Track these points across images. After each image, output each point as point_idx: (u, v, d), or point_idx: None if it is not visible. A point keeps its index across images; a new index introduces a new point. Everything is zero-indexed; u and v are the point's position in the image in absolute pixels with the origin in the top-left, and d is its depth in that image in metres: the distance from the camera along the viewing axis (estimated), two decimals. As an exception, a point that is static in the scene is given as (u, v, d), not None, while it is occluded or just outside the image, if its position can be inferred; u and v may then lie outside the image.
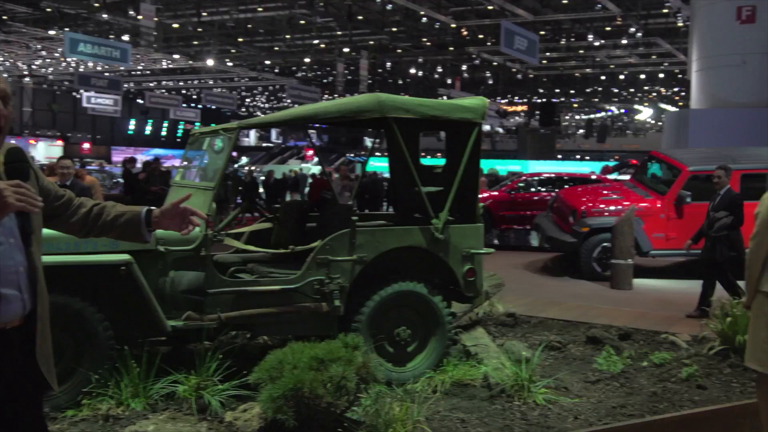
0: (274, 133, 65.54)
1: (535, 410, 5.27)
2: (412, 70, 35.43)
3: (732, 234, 8.60)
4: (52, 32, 27.90)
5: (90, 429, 4.68)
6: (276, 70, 37.98)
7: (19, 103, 45.41)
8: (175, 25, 28.23)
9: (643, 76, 38.30)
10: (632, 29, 26.36)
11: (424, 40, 30.15)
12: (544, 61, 33.03)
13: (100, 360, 5.05)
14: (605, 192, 12.82)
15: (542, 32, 27.21)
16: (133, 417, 4.82)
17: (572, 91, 46.00)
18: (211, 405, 4.95)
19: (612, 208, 11.64)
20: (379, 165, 30.79)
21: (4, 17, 25.33)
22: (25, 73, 41.54)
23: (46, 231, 2.66)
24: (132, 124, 58.29)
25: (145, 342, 5.76)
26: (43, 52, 35.00)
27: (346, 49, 31.13)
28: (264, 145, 64.10)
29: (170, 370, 5.23)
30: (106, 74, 35.39)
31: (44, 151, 42.10)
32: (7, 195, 2.25)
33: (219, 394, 5.05)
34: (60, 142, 47.25)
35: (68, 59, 34.11)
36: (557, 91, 45.50)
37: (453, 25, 26.60)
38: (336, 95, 34.90)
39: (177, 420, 4.22)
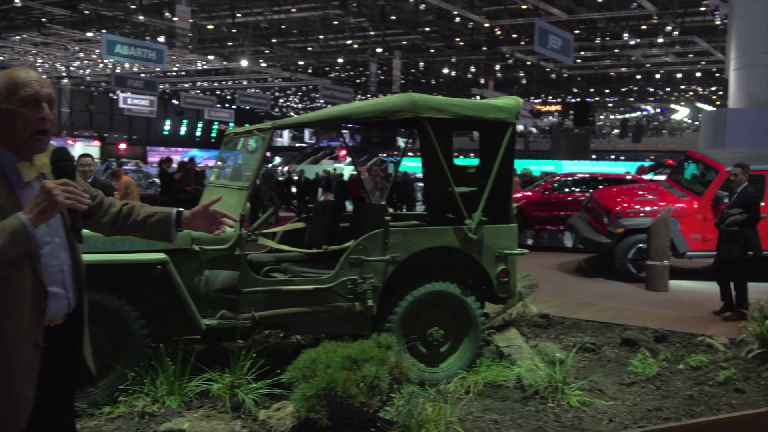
0: (307, 133, 65.84)
1: (569, 412, 5.23)
2: (445, 70, 35.34)
3: (747, 232, 8.50)
4: (89, 34, 28.34)
5: (126, 426, 4.73)
6: (309, 71, 38.14)
7: (58, 104, 45.87)
8: (210, 27, 28.46)
9: (679, 75, 37.80)
10: (669, 27, 26.03)
11: (458, 39, 30.03)
12: (579, 61, 32.71)
13: (136, 357, 5.11)
14: (641, 192, 12.66)
15: (577, 31, 26.98)
16: (168, 414, 4.87)
17: (607, 91, 45.55)
18: (245, 403, 4.99)
19: (647, 208, 11.50)
20: (410, 165, 30.80)
21: (44, 20, 25.76)
22: (64, 74, 42.22)
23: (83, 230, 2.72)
24: (167, 125, 58.96)
25: (180, 340, 5.83)
26: (81, 54, 35.55)
27: (379, 50, 31.16)
28: (297, 145, 64.43)
29: (204, 368, 5.28)
30: (142, 75, 35.86)
31: (82, 151, 42.71)
32: (56, 193, 2.32)
33: (253, 392, 5.08)
34: (97, 143, 47.98)
35: (105, 61, 34.63)
36: (592, 90, 45.08)
37: (486, 25, 26.47)
38: (369, 95, 34.95)
39: (211, 418, 4.25)
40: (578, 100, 44.07)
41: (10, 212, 2.36)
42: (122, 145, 50.89)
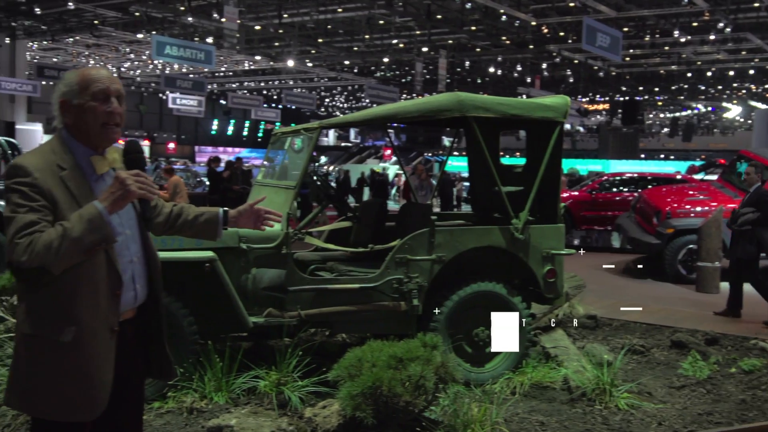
0: (352, 132, 66.05)
1: (617, 415, 5.17)
2: (491, 69, 35.07)
3: (759, 232, 8.35)
4: (140, 36, 28.81)
5: (175, 421, 4.81)
6: (355, 70, 38.22)
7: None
8: (257, 27, 28.69)
9: (731, 73, 36.94)
10: (721, 24, 25.47)
11: (504, 38, 29.79)
12: (627, 59, 32.18)
13: (184, 354, 5.19)
14: (691, 192, 12.45)
15: (626, 29, 26.55)
16: (216, 410, 4.94)
17: (656, 89, 44.75)
18: (291, 401, 5.02)
19: (698, 209, 11.29)
20: (455, 165, 30.67)
21: (96, 22, 26.26)
22: (115, 75, 42.94)
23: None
24: (215, 125, 59.70)
25: (227, 337, 5.90)
26: (132, 55, 36.18)
27: (424, 49, 31.07)
28: (343, 144, 64.68)
29: (251, 365, 5.33)
30: (191, 76, 36.34)
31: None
32: (129, 183, 2.47)
33: (299, 390, 5.12)
34: (147, 142, 48.81)
35: (155, 62, 35.20)
36: (641, 88, 44.34)
37: (533, 23, 26.23)
38: (414, 95, 34.91)
39: (258, 414, 4.29)
40: (627, 98, 43.36)
41: (85, 203, 2.48)
42: (171, 145, 51.71)
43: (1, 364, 5.38)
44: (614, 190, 17.54)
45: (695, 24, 27.43)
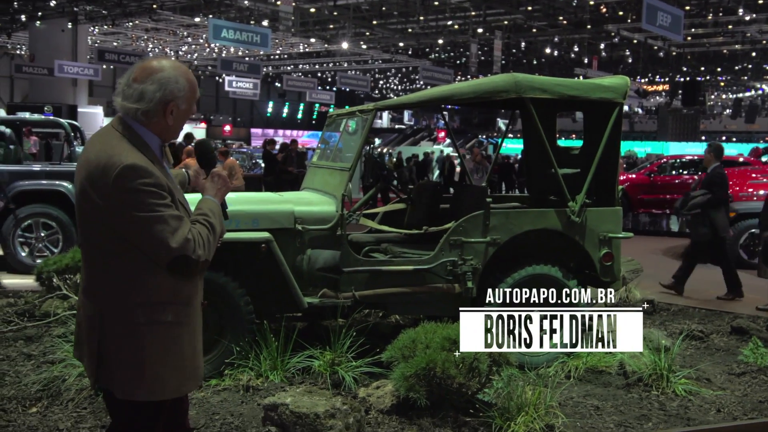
0: (406, 114, 65.88)
1: (674, 401, 5.09)
2: (547, 50, 34.56)
3: (713, 214, 8.31)
4: (197, 19, 29.17)
5: (231, 398, 4.90)
6: (409, 52, 38.08)
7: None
8: (312, 10, 28.76)
9: (798, 52, 35.78)
10: (788, 1, 24.65)
11: (561, 18, 29.32)
12: (689, 38, 31.37)
13: (241, 333, 5.27)
14: (754, 175, 12.15)
15: (687, 7, 25.88)
16: (271, 389, 5.01)
17: (719, 69, 43.55)
18: (345, 380, 5.07)
19: (762, 192, 11.00)
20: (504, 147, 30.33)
21: (154, 6, 26.65)
22: (173, 59, 43.64)
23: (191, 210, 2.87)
24: (270, 107, 60.19)
25: (282, 317, 5.98)
26: (189, 39, 36.68)
27: (480, 30, 30.77)
28: (397, 127, 64.61)
29: (306, 345, 5.39)
30: (247, 59, 36.65)
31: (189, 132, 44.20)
32: (227, 180, 2.78)
33: (352, 370, 5.16)
34: (203, 125, 49.43)
35: (212, 45, 35.59)
36: (702, 68, 43.20)
37: (591, 2, 25.76)
38: (469, 76, 34.63)
39: (313, 393, 4.34)
40: (687, 78, 42.30)
41: (178, 195, 2.59)
42: (227, 127, 52.30)
43: (66, 340, 5.53)
44: (673, 172, 17.18)
45: (761, 2, 26.57)
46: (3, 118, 10.68)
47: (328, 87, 52.16)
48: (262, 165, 19.86)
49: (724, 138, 51.66)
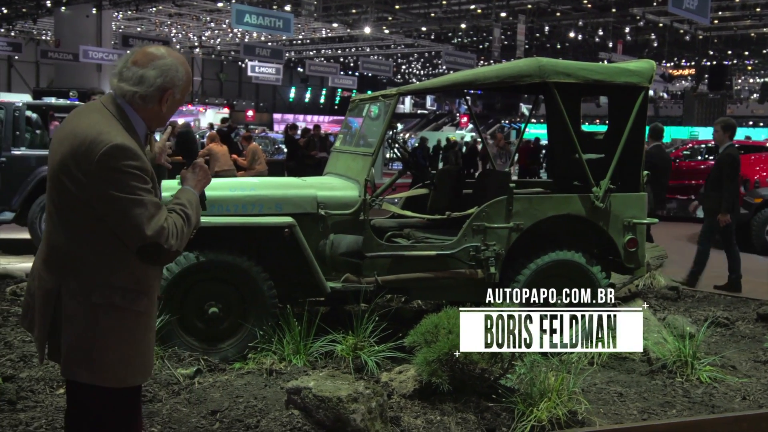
0: (429, 99, 65.63)
1: (698, 388, 5.05)
2: (572, 34, 34.25)
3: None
4: (220, 5, 29.23)
5: (255, 381, 4.93)
6: (432, 37, 37.91)
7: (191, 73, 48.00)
8: (334, -6, 28.79)
9: (829, 36, 35.15)
10: (818, -16, 24.22)
11: (585, 2, 29.04)
12: (716, 21, 30.94)
13: (264, 317, 5.30)
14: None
15: (714, -10, 25.52)
16: (294, 372, 5.04)
17: (746, 53, 42.92)
18: (367, 365, 5.08)
19: (789, 178, 10.86)
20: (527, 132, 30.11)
21: (178, -9, 26.80)
22: (196, 44, 43.78)
23: (215, 194, 2.92)
24: (292, 92, 60.22)
25: (305, 302, 6.00)
26: (212, 24, 36.73)
27: (503, 14, 30.54)
28: (419, 112, 64.39)
29: (329, 329, 5.41)
30: (269, 44, 36.68)
31: (212, 117, 44.32)
32: (208, 172, 2.80)
33: (375, 355, 5.17)
34: (226, 110, 49.57)
35: (235, 30, 35.63)
36: (729, 52, 42.58)
37: (616, -15, 25.50)
38: (492, 61, 34.41)
39: (336, 378, 4.36)
40: (714, 63, 41.72)
41: (153, 177, 2.55)
42: (249, 113, 52.41)
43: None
44: (699, 158, 16.99)
45: (790, -16, 26.13)
46: (30, 103, 10.76)
47: (350, 72, 52.06)
48: (285, 150, 19.90)
49: (751, 123, 51.00)
